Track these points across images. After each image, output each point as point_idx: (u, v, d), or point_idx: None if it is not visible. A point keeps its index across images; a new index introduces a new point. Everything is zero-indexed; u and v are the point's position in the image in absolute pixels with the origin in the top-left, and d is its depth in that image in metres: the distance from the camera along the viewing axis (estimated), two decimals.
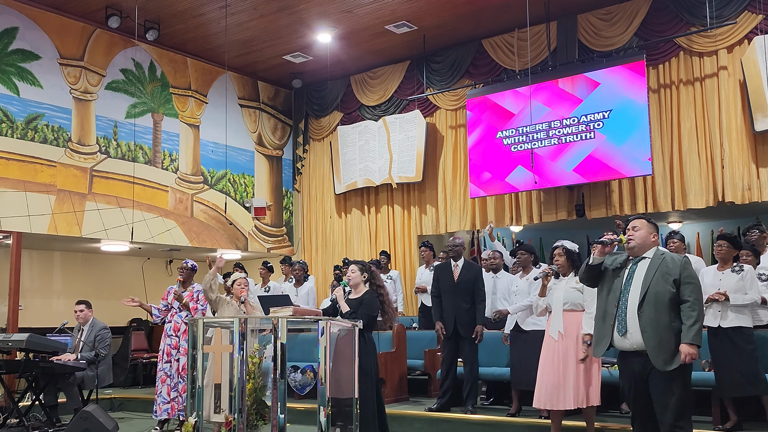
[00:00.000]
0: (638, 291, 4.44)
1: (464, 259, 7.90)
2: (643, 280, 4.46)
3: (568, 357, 5.93)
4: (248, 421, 5.28)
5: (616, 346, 4.55)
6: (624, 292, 4.51)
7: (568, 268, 6.15)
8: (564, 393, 5.89)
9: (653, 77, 10.21)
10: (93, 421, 6.76)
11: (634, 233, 4.60)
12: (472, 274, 7.74)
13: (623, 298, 4.50)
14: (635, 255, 4.61)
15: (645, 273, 4.48)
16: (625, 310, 4.45)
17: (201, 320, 5.57)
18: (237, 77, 13.09)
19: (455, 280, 7.74)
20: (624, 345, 4.48)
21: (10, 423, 8.12)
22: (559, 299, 6.06)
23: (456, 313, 7.64)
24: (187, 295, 7.95)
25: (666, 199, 10.00)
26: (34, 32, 10.29)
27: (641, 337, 4.38)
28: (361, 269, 6.38)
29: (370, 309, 6.13)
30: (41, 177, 10.19)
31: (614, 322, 4.49)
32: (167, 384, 7.79)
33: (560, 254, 6.18)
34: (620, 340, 4.48)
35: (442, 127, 12.21)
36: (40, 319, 10.91)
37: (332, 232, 13.40)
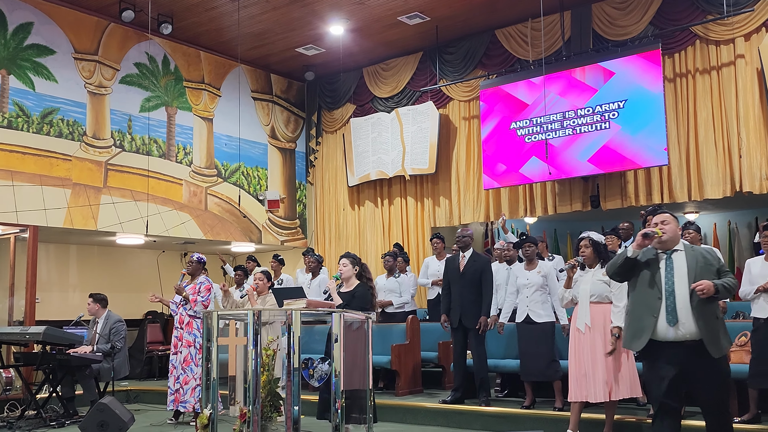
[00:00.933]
0: (686, 281, 4.49)
1: (472, 250, 7.87)
2: (688, 271, 4.52)
3: (597, 349, 5.89)
4: (263, 412, 5.29)
5: (659, 337, 4.50)
6: (669, 284, 4.52)
7: (595, 259, 6.09)
8: (594, 385, 5.86)
9: (669, 66, 10.12)
10: (109, 412, 6.80)
11: (665, 227, 4.63)
12: (478, 265, 7.71)
13: (669, 290, 4.51)
14: (666, 248, 4.64)
15: (687, 264, 4.55)
16: (675, 301, 4.47)
17: (215, 312, 5.58)
18: (250, 70, 13.10)
19: (461, 272, 7.73)
20: (671, 335, 4.46)
21: (28, 415, 8.20)
22: (586, 291, 6.01)
23: (462, 303, 7.64)
24: (191, 288, 7.98)
25: (682, 190, 9.92)
26: (49, 27, 10.33)
27: (695, 326, 4.41)
28: (353, 262, 6.39)
29: (363, 302, 6.16)
30: (57, 171, 10.24)
31: (658, 314, 4.49)
32: (173, 375, 7.84)
33: (586, 245, 6.10)
34: (669, 331, 4.46)
35: (456, 119, 12.17)
36: (57, 312, 10.99)
37: (345, 224, 13.40)
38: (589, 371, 5.90)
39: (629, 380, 5.91)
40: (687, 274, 4.51)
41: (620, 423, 6.27)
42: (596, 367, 5.88)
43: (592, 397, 5.89)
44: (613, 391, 5.86)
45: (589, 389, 5.90)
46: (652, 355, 4.57)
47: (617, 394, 5.87)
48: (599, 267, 6.05)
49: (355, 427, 5.83)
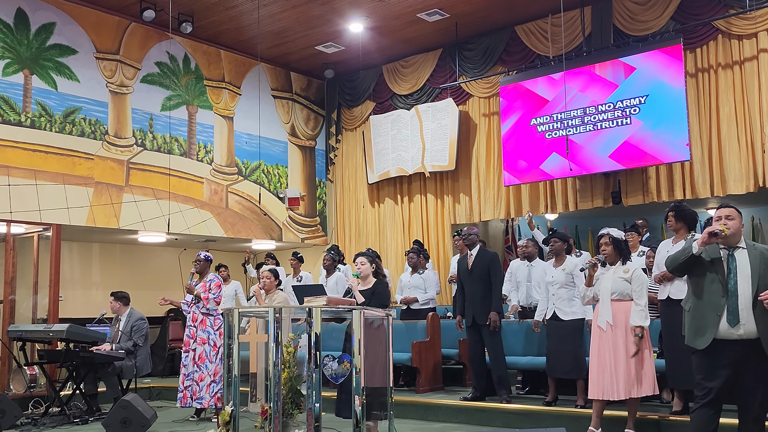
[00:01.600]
0: (748, 281, 4.41)
1: (479, 247, 7.86)
2: (751, 270, 4.43)
3: (618, 347, 5.86)
4: (284, 409, 5.31)
5: (720, 336, 4.44)
6: (731, 283, 4.44)
7: (615, 256, 6.05)
8: (616, 383, 5.83)
9: (690, 61, 10.02)
10: (132, 410, 6.85)
11: (729, 222, 4.51)
12: (485, 261, 7.70)
13: (732, 289, 4.43)
14: (730, 245, 4.53)
15: (750, 263, 4.46)
16: (737, 301, 4.40)
17: (236, 310, 5.61)
18: (270, 68, 13.14)
19: (469, 269, 7.72)
20: (732, 334, 4.41)
21: (52, 412, 8.27)
22: (607, 289, 5.98)
23: (473, 301, 7.63)
24: (201, 286, 8.03)
25: (705, 186, 9.83)
26: (71, 27, 10.42)
27: (755, 327, 4.36)
28: (370, 260, 6.40)
29: (383, 299, 6.16)
30: (79, 170, 10.33)
31: (722, 313, 4.42)
32: (182, 373, 7.88)
33: (607, 243, 6.07)
34: (729, 331, 4.41)
35: (475, 115, 12.14)
36: (80, 309, 11.10)
37: (365, 221, 13.41)
38: (611, 369, 5.86)
39: (651, 378, 5.87)
40: (750, 275, 4.42)
41: (642, 420, 6.23)
42: (618, 365, 5.84)
43: (613, 395, 5.86)
44: (635, 388, 5.82)
45: (611, 387, 5.87)
46: (710, 352, 4.49)
47: (639, 392, 5.83)
48: (620, 264, 6.03)
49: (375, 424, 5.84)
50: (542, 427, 6.32)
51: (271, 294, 7.43)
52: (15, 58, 9.83)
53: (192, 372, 7.83)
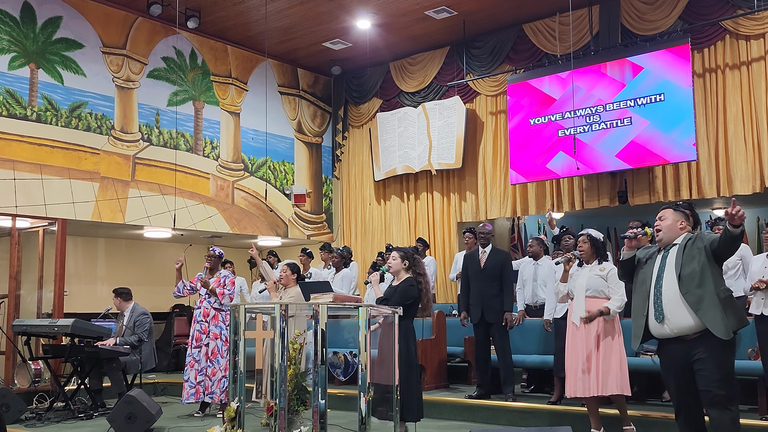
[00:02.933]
0: (673, 276, 4.38)
1: (492, 245, 7.84)
2: (675, 263, 4.41)
3: (590, 344, 5.89)
4: (289, 406, 5.30)
5: (654, 334, 4.47)
6: (658, 280, 4.45)
7: (592, 255, 6.13)
8: (588, 380, 5.86)
9: (698, 61, 10.00)
10: (137, 405, 6.85)
11: (660, 223, 4.59)
12: (498, 260, 7.68)
13: (657, 285, 4.44)
14: (664, 245, 4.57)
15: (676, 256, 4.44)
16: (661, 296, 4.39)
17: (242, 306, 5.60)
18: (277, 65, 13.13)
19: (482, 267, 7.70)
20: (663, 332, 4.40)
21: (57, 406, 8.28)
22: (582, 285, 6.04)
23: (483, 299, 7.61)
24: (215, 281, 8.02)
25: (711, 186, 9.81)
26: (78, 21, 10.42)
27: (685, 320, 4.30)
28: (402, 256, 6.28)
29: (403, 297, 6.03)
30: (85, 164, 10.34)
31: (648, 312, 4.45)
32: (195, 369, 7.87)
33: (584, 241, 6.15)
34: (658, 328, 4.41)
35: (482, 113, 12.12)
36: (85, 304, 11.10)
37: (371, 219, 13.40)
38: (585, 366, 5.87)
39: (618, 376, 5.86)
40: (675, 267, 4.41)
41: (644, 419, 6.21)
42: (590, 362, 5.88)
43: (586, 391, 5.86)
44: (603, 386, 5.82)
45: (583, 384, 5.87)
46: (660, 353, 4.56)
47: (607, 390, 5.83)
48: (596, 263, 6.10)
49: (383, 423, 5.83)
50: (548, 425, 6.31)
51: (287, 289, 7.40)
52: (21, 52, 9.83)
53: (205, 367, 7.84)
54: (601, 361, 5.83)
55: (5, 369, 9.51)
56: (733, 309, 4.32)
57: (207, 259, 8.24)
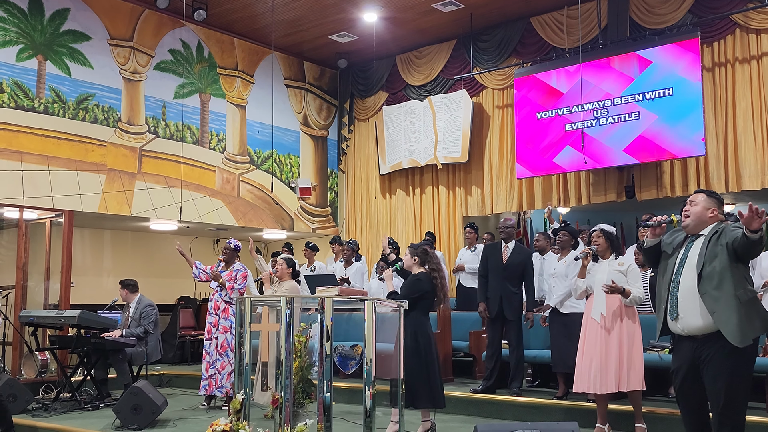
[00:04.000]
0: (693, 271, 4.10)
1: (515, 241, 7.82)
2: (697, 259, 4.10)
3: (611, 340, 5.84)
4: (294, 399, 5.30)
5: (670, 329, 4.27)
6: (677, 273, 4.19)
7: (607, 250, 6.10)
8: (607, 376, 5.81)
9: (707, 55, 9.94)
10: (142, 396, 6.86)
11: (690, 208, 4.25)
12: (522, 258, 7.66)
13: (675, 280, 4.19)
14: (691, 233, 4.24)
15: (699, 250, 4.12)
16: (677, 293, 4.14)
17: (248, 298, 5.60)
18: (283, 57, 13.11)
19: (504, 262, 7.67)
20: (675, 329, 4.21)
21: (63, 397, 8.31)
22: (601, 281, 5.96)
23: (503, 295, 7.58)
24: (227, 274, 8.03)
25: (719, 181, 9.77)
26: (85, 13, 10.42)
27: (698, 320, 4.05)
28: (412, 252, 6.36)
29: (409, 291, 6.11)
30: (92, 156, 10.34)
31: (666, 306, 4.22)
32: (206, 361, 7.90)
33: (599, 236, 6.12)
34: (672, 325, 4.21)
35: (489, 107, 12.09)
36: (91, 296, 11.12)
37: (377, 212, 13.39)
38: (603, 362, 5.83)
39: (639, 372, 5.85)
40: (696, 265, 4.09)
41: (651, 416, 6.20)
42: (609, 358, 5.82)
43: (602, 387, 5.82)
44: (623, 382, 5.80)
45: (598, 379, 5.83)
46: (674, 348, 4.42)
47: (627, 386, 5.81)
48: (613, 258, 6.07)
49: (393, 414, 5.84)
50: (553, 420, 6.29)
51: (282, 282, 7.41)
52: (29, 44, 9.83)
53: (215, 360, 7.85)
54: (625, 357, 5.79)
55: (12, 359, 9.55)
56: (757, 312, 4.04)
57: (222, 252, 8.26)
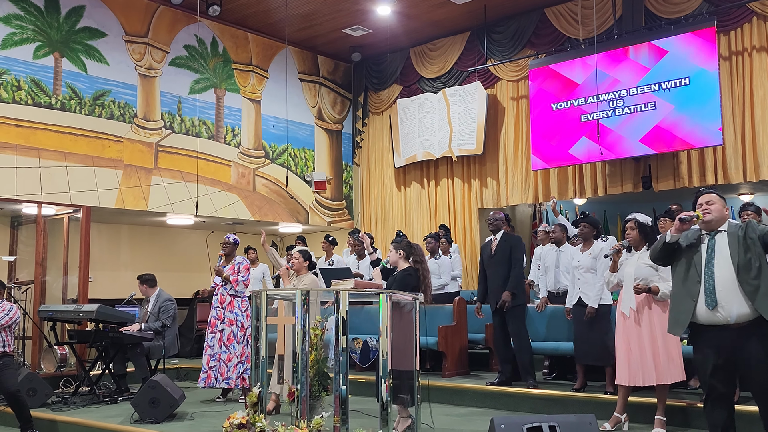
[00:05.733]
0: (728, 263, 4.34)
1: (503, 232, 7.80)
2: (730, 252, 4.37)
3: (642, 332, 5.79)
4: (311, 392, 5.32)
5: (700, 321, 4.39)
6: (709, 266, 4.39)
7: (641, 241, 5.97)
8: (644, 369, 5.77)
9: (724, 44, 9.86)
10: (160, 390, 6.91)
11: (710, 207, 4.50)
12: (508, 244, 7.64)
13: (708, 272, 4.38)
14: (711, 229, 4.50)
15: (729, 245, 4.39)
16: (714, 284, 4.33)
17: (264, 292, 5.62)
18: (297, 52, 13.12)
19: (492, 253, 7.68)
20: (714, 319, 4.33)
21: (82, 391, 8.39)
22: (630, 275, 5.89)
23: (496, 285, 7.59)
24: (229, 268, 8.06)
25: (737, 171, 9.69)
26: (100, 10, 10.47)
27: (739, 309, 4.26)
28: (395, 247, 6.36)
29: (401, 285, 6.10)
30: (108, 152, 10.40)
31: (697, 297, 4.37)
32: (207, 354, 7.94)
33: (632, 227, 6.00)
34: (709, 315, 4.34)
35: (504, 99, 12.04)
36: (109, 290, 11.20)
37: (392, 205, 13.39)
38: (638, 355, 5.80)
39: (679, 364, 5.80)
40: (729, 256, 4.35)
41: (670, 408, 6.16)
42: (644, 351, 5.77)
43: (643, 380, 5.79)
44: (662, 374, 5.75)
45: (639, 373, 5.80)
46: (698, 340, 4.48)
47: (666, 378, 5.76)
48: (645, 249, 5.92)
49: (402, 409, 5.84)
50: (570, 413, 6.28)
51: (300, 276, 7.43)
52: (45, 41, 9.89)
53: (219, 352, 7.89)
54: (660, 349, 5.75)
55: (32, 354, 9.65)
56: None
57: (222, 247, 8.28)
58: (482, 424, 5.97)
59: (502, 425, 4.67)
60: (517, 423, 4.70)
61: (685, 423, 6.11)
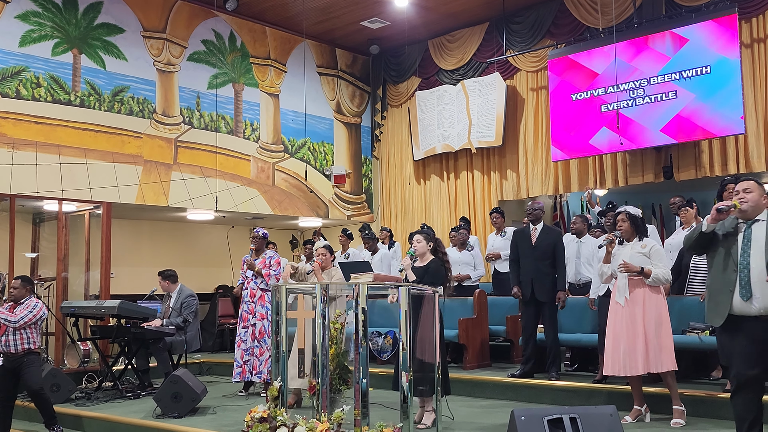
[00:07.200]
0: (762, 254, 4.26)
1: (543, 223, 7.74)
2: (766, 242, 4.28)
3: (636, 322, 5.81)
4: (331, 385, 5.32)
5: (735, 311, 4.33)
6: (744, 256, 4.32)
7: (632, 233, 6.05)
8: (635, 358, 5.77)
9: (746, 31, 9.72)
10: (182, 384, 6.94)
11: (746, 195, 4.39)
12: (551, 239, 7.57)
13: (744, 262, 4.31)
14: (747, 218, 4.40)
15: (766, 235, 4.30)
16: (749, 275, 4.26)
17: (284, 286, 5.62)
18: (315, 45, 13.11)
19: (533, 244, 7.61)
20: (749, 310, 4.28)
21: (105, 386, 8.45)
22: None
23: (534, 277, 7.51)
24: (260, 262, 8.08)
25: (759, 159, 9.57)
26: (118, 6, 10.51)
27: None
28: (426, 238, 6.35)
29: (435, 277, 6.09)
30: (128, 148, 10.45)
31: (734, 289, 4.31)
32: (241, 348, 7.97)
33: (624, 219, 6.08)
34: (744, 306, 4.28)
35: (523, 90, 11.97)
36: (131, 286, 11.28)
37: (411, 198, 13.36)
38: (630, 345, 5.79)
39: (670, 352, 5.78)
40: (765, 246, 4.26)
41: (692, 398, 6.12)
42: (636, 340, 5.78)
43: (631, 370, 5.78)
44: (652, 363, 5.74)
45: (627, 363, 5.80)
46: (732, 330, 4.40)
47: (657, 367, 5.74)
48: (637, 240, 6.02)
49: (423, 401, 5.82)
50: (591, 404, 6.25)
51: (328, 270, 7.43)
52: (64, 38, 9.95)
53: (251, 347, 7.93)
54: (653, 339, 5.75)
55: (55, 350, 9.74)
56: None
57: (252, 241, 8.30)
58: (503, 417, 5.94)
59: (522, 417, 4.66)
60: (537, 415, 4.68)
61: (707, 413, 6.07)
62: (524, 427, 4.61)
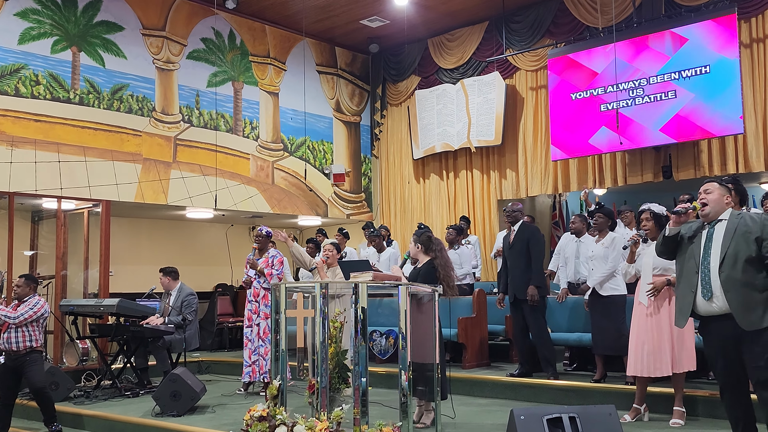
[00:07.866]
0: (719, 252, 4.31)
1: (522, 222, 7.75)
2: (722, 240, 4.33)
3: (661, 323, 5.77)
4: (331, 384, 5.32)
5: (700, 312, 4.39)
6: (705, 256, 4.37)
7: (657, 231, 5.92)
8: (661, 359, 5.74)
9: (745, 31, 9.73)
10: (181, 383, 6.95)
11: (706, 197, 4.48)
12: (525, 235, 7.59)
13: (705, 262, 4.36)
14: (710, 219, 4.47)
15: (723, 234, 4.35)
16: (709, 274, 4.32)
17: (283, 285, 5.62)
18: (315, 44, 13.10)
19: (510, 245, 7.65)
20: (711, 309, 4.32)
21: (104, 384, 8.45)
22: (648, 264, 5.87)
23: (513, 277, 7.56)
24: (263, 261, 8.07)
25: (758, 159, 9.58)
26: (117, 4, 10.50)
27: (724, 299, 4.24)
28: (415, 241, 6.34)
29: (426, 278, 6.08)
30: (127, 146, 10.45)
31: (696, 288, 4.37)
32: (249, 348, 7.97)
33: (648, 218, 5.99)
34: (706, 305, 4.33)
35: (522, 89, 11.97)
36: (130, 284, 11.27)
37: (411, 197, 13.36)
38: (656, 345, 5.76)
39: (691, 353, 5.78)
40: (722, 244, 4.31)
41: (691, 398, 6.12)
42: (662, 341, 5.75)
43: (656, 371, 5.76)
44: (677, 363, 5.73)
45: (653, 363, 5.77)
46: (705, 332, 4.48)
47: (680, 367, 5.74)
48: None
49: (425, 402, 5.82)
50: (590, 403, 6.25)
51: (333, 268, 7.43)
52: (63, 36, 9.94)
53: (258, 346, 7.93)
54: (675, 339, 5.73)
55: (54, 348, 9.73)
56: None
57: (255, 239, 8.30)
58: (502, 416, 5.95)
59: (522, 416, 4.66)
60: (537, 414, 4.68)
61: (705, 413, 6.08)
62: (523, 427, 4.61)
